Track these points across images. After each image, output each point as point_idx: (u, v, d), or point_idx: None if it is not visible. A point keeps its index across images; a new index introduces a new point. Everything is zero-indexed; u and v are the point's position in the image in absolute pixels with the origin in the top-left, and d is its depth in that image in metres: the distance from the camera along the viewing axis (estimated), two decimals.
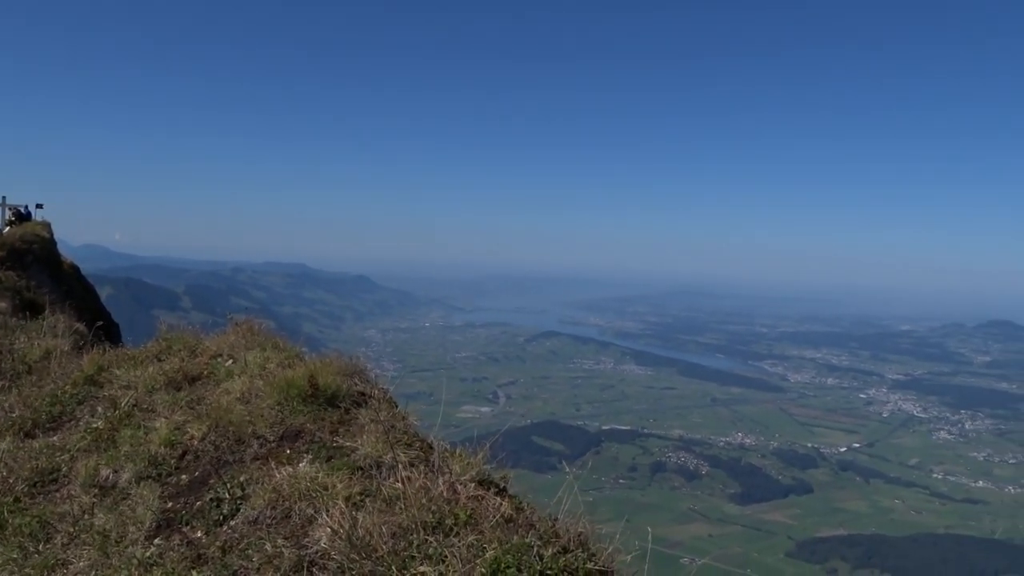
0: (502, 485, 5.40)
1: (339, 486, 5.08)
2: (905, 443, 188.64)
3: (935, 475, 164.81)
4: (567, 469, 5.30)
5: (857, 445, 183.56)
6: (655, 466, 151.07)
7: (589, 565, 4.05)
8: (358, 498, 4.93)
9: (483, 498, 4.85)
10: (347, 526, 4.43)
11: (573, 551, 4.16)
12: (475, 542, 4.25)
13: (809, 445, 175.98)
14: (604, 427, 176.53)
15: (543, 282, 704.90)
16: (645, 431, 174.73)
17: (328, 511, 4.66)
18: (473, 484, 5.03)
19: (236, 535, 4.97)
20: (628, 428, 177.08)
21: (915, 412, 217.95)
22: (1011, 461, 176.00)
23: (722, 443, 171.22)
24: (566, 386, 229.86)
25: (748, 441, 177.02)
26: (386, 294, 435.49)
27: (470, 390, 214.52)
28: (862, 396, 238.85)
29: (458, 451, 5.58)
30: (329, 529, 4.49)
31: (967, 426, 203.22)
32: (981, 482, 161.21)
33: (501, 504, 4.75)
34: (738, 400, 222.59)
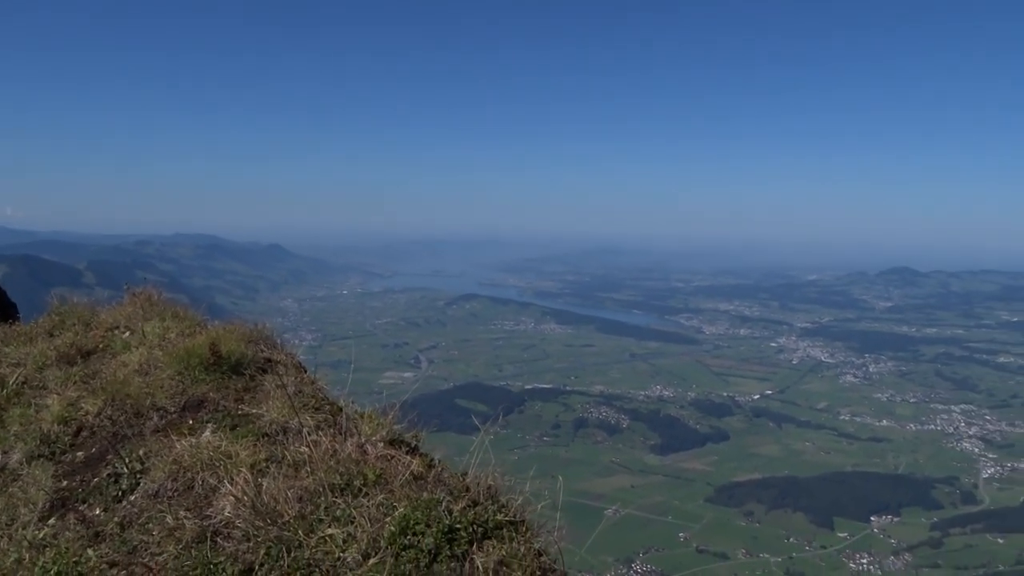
0: (413, 444, 5.34)
1: (243, 454, 4.94)
2: (814, 388, 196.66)
3: (842, 417, 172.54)
4: (478, 423, 5.26)
5: (769, 392, 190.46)
6: (577, 422, 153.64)
7: (499, 516, 4.04)
8: (263, 464, 4.81)
9: (393, 457, 4.79)
10: (251, 493, 4.31)
11: (483, 504, 4.14)
12: (384, 501, 4.19)
13: (724, 394, 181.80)
14: (527, 386, 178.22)
15: (460, 245, 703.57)
16: (567, 388, 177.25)
17: (232, 479, 4.53)
18: (382, 444, 4.96)
19: (136, 510, 4.79)
20: (550, 386, 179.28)
21: (823, 358, 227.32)
22: (911, 400, 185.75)
23: (642, 396, 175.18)
24: (488, 348, 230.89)
25: (667, 393, 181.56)
26: (301, 263, 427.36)
27: (391, 356, 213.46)
28: (773, 345, 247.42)
29: (368, 412, 5.50)
30: (233, 497, 4.36)
31: (871, 369, 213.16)
32: (885, 421, 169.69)
33: (411, 462, 4.69)
34: (656, 354, 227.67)
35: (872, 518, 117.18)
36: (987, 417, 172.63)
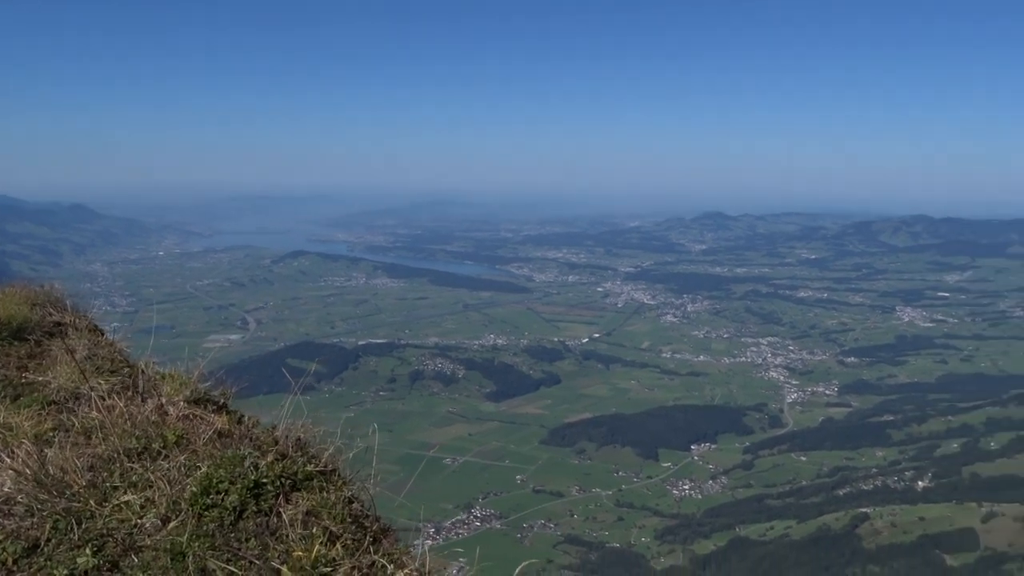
0: (222, 402, 5.12)
1: (27, 424, 4.54)
2: (638, 329, 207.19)
3: (664, 355, 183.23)
4: (290, 379, 5.09)
5: (597, 335, 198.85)
6: (413, 375, 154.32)
7: (309, 468, 3.95)
8: (50, 434, 4.44)
9: (196, 417, 4.56)
10: (35, 465, 3.97)
11: (292, 456, 4.03)
12: (187, 462, 3.99)
13: (555, 340, 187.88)
14: (360, 342, 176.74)
15: (285, 201, 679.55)
16: (401, 342, 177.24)
17: (12, 452, 4.14)
18: (184, 404, 4.71)
19: None
20: (384, 341, 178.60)
21: (645, 300, 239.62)
22: (725, 336, 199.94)
23: (476, 346, 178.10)
24: (318, 305, 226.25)
25: (500, 342, 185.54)
26: (110, 223, 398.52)
27: (216, 318, 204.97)
28: (599, 290, 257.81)
29: (170, 372, 5.21)
30: (13, 471, 3.99)
31: (689, 308, 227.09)
32: (702, 356, 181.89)
33: (216, 420, 4.48)
34: (489, 304, 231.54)
35: (692, 447, 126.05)
36: (790, 347, 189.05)
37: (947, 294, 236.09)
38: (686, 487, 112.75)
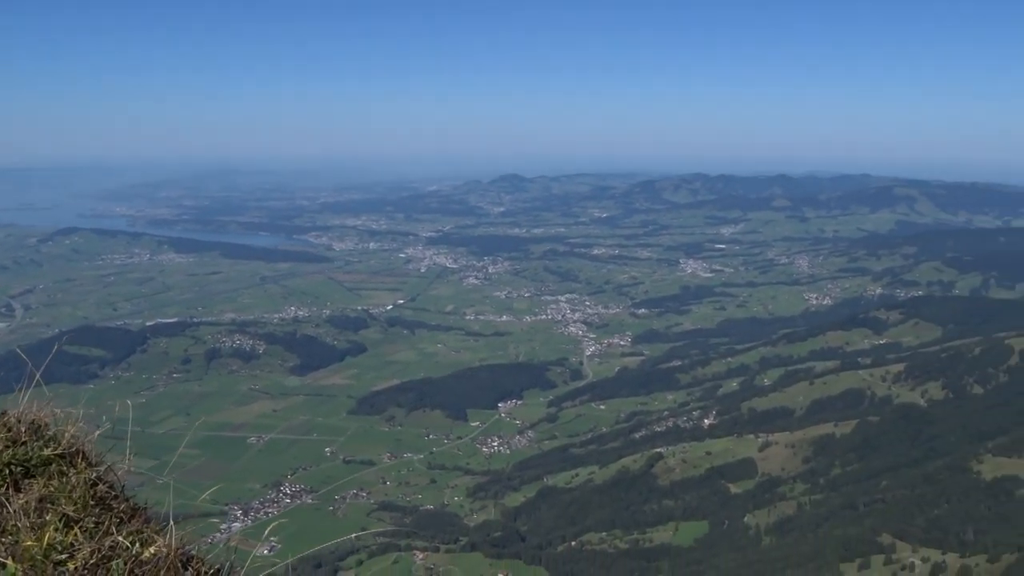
0: None
1: None
2: (441, 293, 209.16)
3: (468, 317, 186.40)
4: (34, 367, 4.56)
5: (401, 301, 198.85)
6: (210, 354, 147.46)
7: (46, 452, 3.56)
8: None
9: None
10: None
11: (26, 442, 3.62)
12: None
13: (359, 308, 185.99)
14: (148, 323, 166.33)
15: (50, 173, 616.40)
16: (195, 320, 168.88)
17: None
18: None
19: None
20: (175, 320, 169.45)
21: (448, 264, 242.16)
22: (526, 295, 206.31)
23: (276, 319, 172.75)
24: (97, 286, 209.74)
25: (302, 313, 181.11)
26: None
27: None
28: (402, 256, 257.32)
29: None
30: None
31: (490, 270, 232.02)
32: (505, 317, 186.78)
33: None
34: (287, 275, 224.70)
35: (500, 404, 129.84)
36: (587, 303, 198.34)
37: (723, 246, 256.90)
38: (495, 444, 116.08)
